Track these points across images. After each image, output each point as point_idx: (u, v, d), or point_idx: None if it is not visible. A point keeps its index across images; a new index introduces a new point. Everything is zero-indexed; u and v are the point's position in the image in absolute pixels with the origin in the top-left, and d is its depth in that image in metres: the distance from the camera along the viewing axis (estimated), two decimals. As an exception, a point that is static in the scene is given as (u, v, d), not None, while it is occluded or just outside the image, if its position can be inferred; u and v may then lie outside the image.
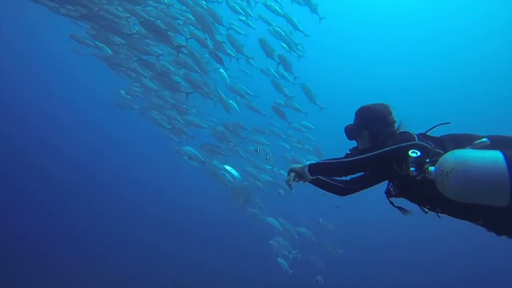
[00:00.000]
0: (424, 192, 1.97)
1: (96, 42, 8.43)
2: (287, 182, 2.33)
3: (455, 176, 1.72)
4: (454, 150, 1.83)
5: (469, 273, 14.04)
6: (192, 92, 8.02)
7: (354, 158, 2.06)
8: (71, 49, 9.46)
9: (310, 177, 2.25)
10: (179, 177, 18.58)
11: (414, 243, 16.36)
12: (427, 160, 1.88)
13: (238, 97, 8.82)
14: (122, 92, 10.56)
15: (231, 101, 8.94)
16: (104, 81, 17.29)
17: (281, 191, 9.40)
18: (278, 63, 8.01)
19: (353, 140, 2.38)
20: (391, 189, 2.18)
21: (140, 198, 17.68)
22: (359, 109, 2.33)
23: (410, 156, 1.90)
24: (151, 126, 10.85)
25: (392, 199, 2.21)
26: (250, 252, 13.38)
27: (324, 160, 2.23)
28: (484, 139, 1.87)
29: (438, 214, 2.06)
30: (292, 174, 2.32)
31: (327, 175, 2.31)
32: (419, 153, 1.90)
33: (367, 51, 29.31)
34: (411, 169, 1.88)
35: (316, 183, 2.35)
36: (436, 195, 1.88)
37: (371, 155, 2.02)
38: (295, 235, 9.43)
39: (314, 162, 2.25)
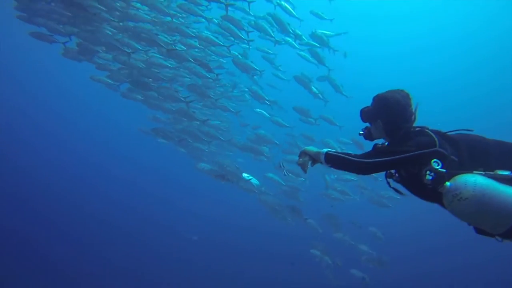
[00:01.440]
0: (426, 193, 2.10)
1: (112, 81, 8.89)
2: (302, 165, 2.36)
3: (467, 205, 1.83)
4: (476, 177, 1.88)
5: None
6: (193, 100, 8.14)
7: (374, 160, 2.09)
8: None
9: (325, 165, 2.29)
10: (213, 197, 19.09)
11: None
12: (445, 170, 1.95)
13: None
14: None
15: (260, 110, 9.30)
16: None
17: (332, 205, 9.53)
18: (290, 32, 7.97)
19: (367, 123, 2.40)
20: (396, 174, 2.26)
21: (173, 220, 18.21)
22: (377, 97, 2.29)
23: (432, 165, 1.96)
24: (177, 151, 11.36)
25: (390, 180, 2.31)
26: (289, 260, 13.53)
27: (343, 153, 2.22)
28: (507, 173, 1.91)
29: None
30: (307, 158, 2.35)
31: (342, 169, 2.32)
32: (440, 164, 1.96)
33: (372, 49, 29.10)
34: (428, 177, 1.95)
35: (331, 166, 2.34)
36: (436, 199, 2.05)
37: (392, 159, 2.05)
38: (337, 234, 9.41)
39: (332, 151, 2.26)
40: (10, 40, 21.46)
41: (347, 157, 2.16)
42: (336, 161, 2.22)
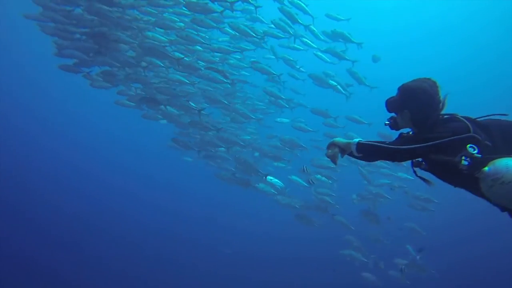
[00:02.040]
0: (459, 179, 2.12)
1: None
2: (332, 157, 2.39)
3: (509, 190, 1.85)
4: None
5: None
6: (205, 108, 8.30)
7: (411, 146, 2.11)
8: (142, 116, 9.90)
9: (357, 154, 2.31)
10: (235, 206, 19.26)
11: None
12: (480, 155, 1.97)
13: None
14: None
15: (284, 119, 9.62)
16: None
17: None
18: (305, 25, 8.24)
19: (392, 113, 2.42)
20: (423, 163, 2.28)
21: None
22: (402, 87, 2.30)
23: (468, 151, 1.98)
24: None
25: (417, 169, 2.33)
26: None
27: (375, 142, 2.25)
28: None
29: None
30: (337, 149, 2.38)
31: (375, 157, 2.41)
32: (477, 150, 1.98)
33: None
34: (464, 162, 1.97)
35: (359, 157, 2.37)
36: (469, 185, 2.09)
37: (428, 145, 2.06)
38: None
39: (364, 140, 2.30)
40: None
41: (382, 145, 2.20)
42: (369, 150, 2.26)
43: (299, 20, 7.95)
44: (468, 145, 1.99)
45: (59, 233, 14.92)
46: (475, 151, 1.98)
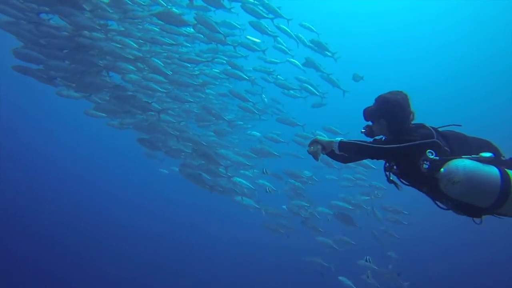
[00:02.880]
0: (423, 182, 2.40)
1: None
2: (314, 153, 2.56)
3: (460, 187, 2.16)
4: (464, 161, 2.22)
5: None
6: (165, 109, 8.28)
7: (386, 146, 2.38)
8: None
9: (338, 152, 2.53)
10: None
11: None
12: (438, 158, 2.26)
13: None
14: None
15: (255, 133, 9.76)
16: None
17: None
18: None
19: (369, 121, 2.64)
20: (394, 167, 2.53)
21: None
22: (379, 98, 2.54)
23: (427, 155, 2.27)
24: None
25: (388, 173, 2.57)
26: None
27: (355, 140, 2.50)
28: (489, 155, 2.26)
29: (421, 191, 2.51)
30: (319, 146, 2.56)
31: (354, 155, 2.63)
32: (434, 154, 2.27)
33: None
34: (425, 166, 2.27)
35: (337, 157, 2.63)
36: (432, 185, 2.34)
37: (401, 146, 2.33)
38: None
39: (345, 140, 2.52)
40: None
41: (364, 143, 2.45)
42: (351, 147, 2.48)
43: (264, 15, 7.71)
44: (427, 150, 2.27)
45: (55, 237, 15.08)
46: (433, 156, 2.26)
